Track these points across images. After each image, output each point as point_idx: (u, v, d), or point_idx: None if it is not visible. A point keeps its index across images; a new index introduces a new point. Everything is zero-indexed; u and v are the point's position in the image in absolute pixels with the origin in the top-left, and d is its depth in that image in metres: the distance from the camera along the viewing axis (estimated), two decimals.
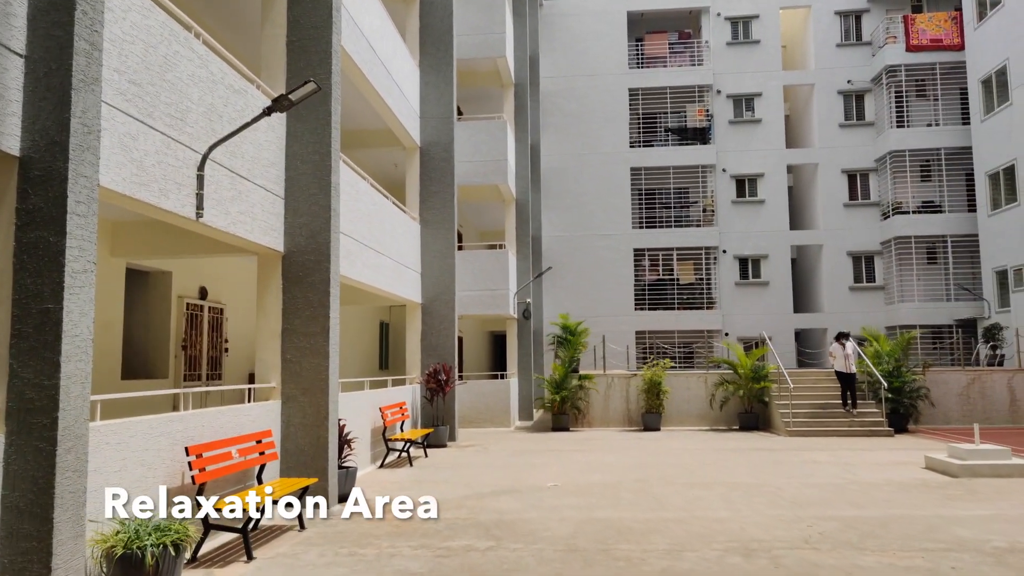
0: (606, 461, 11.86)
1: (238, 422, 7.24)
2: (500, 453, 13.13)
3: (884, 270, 26.36)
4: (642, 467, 11.12)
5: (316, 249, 8.27)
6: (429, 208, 15.31)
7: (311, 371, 8.14)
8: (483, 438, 15.61)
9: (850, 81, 27.24)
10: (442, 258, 15.21)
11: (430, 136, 15.42)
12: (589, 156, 27.80)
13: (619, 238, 27.35)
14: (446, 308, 15.10)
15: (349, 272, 10.54)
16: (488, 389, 17.84)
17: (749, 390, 16.63)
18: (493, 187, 18.76)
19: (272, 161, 8.07)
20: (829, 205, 26.90)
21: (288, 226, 8.31)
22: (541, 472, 10.79)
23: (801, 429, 15.07)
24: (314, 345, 8.17)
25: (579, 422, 17.65)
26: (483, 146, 18.15)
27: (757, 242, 27.07)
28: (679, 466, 11.19)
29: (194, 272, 10.89)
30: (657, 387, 16.93)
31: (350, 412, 10.45)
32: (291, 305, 8.25)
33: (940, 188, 26.04)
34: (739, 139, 27.64)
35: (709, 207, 27.69)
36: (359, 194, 11.18)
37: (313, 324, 8.19)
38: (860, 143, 27.09)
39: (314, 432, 8.07)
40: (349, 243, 10.57)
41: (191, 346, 10.61)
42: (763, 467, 10.95)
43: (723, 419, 17.31)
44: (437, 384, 14.28)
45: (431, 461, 12.22)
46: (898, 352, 15.93)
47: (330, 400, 8.14)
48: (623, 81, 28.15)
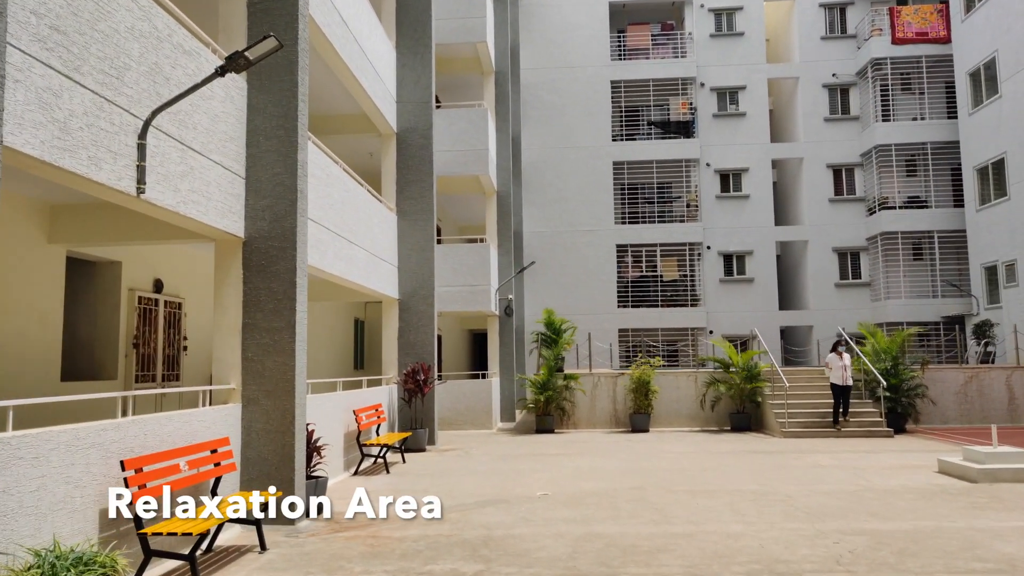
0: (597, 466, 11.09)
1: (189, 430, 6.33)
2: (483, 458, 12.31)
3: (870, 267, 25.95)
4: (637, 472, 10.36)
5: (281, 235, 7.37)
6: (407, 198, 14.43)
7: (275, 371, 7.25)
8: (464, 441, 14.78)
9: (835, 74, 26.80)
10: (420, 251, 14.34)
11: (407, 122, 14.54)
12: (570, 150, 27.07)
13: (601, 234, 26.65)
14: (425, 304, 14.24)
15: (319, 263, 9.64)
16: (469, 390, 16.99)
17: (741, 390, 15.96)
18: (473, 178, 17.93)
19: (231, 135, 7.17)
20: (814, 200, 26.44)
21: (249, 209, 7.41)
22: (529, 479, 9.98)
23: (797, 430, 14.44)
24: (278, 342, 7.28)
25: (564, 423, 16.88)
26: (463, 135, 17.30)
27: (742, 238, 26.53)
28: (676, 471, 10.45)
29: (148, 263, 9.92)
30: (646, 387, 16.21)
31: (321, 415, 9.56)
32: (253, 297, 7.35)
33: (926, 183, 25.68)
34: (723, 133, 27.09)
35: (693, 202, 27.10)
36: (331, 179, 10.29)
37: (277, 318, 7.30)
38: (845, 137, 26.66)
39: (279, 439, 7.18)
40: (319, 231, 9.67)
41: (144, 344, 9.63)
42: (766, 472, 10.25)
43: (714, 420, 16.64)
44: (415, 385, 13.41)
45: (409, 467, 11.36)
46: (896, 349, 15.36)
47: (296, 403, 7.25)
48: (605, 73, 27.46)
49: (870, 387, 15.51)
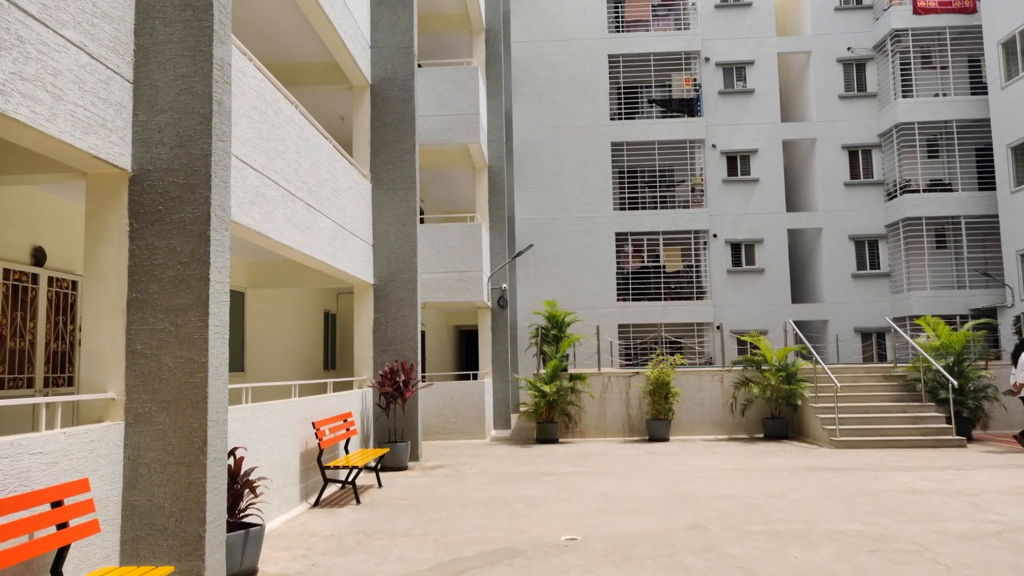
0: (627, 491, 8.69)
1: (17, 471, 3.83)
2: (480, 479, 9.86)
3: (890, 256, 23.86)
4: (683, 501, 7.97)
5: (188, 167, 4.88)
6: (383, 162, 11.94)
7: (177, 371, 4.76)
8: (454, 455, 12.33)
9: (850, 48, 24.73)
10: (400, 226, 11.86)
11: (384, 71, 12.05)
12: (565, 129, 24.75)
13: (599, 221, 24.38)
14: (406, 290, 11.76)
15: (264, 227, 7.16)
16: (458, 393, 14.52)
17: (777, 391, 13.63)
18: (461, 149, 15.47)
19: (107, 11, 4.67)
20: (828, 184, 24.35)
21: (140, 127, 4.92)
22: (544, 512, 7.56)
23: (850, 439, 12.12)
24: (182, 327, 4.79)
25: (570, 431, 14.47)
26: (449, 97, 14.84)
27: (751, 225, 24.39)
28: (734, 499, 8.07)
29: (22, 226, 7.34)
30: (665, 389, 13.83)
31: (263, 432, 7.05)
32: (144, 260, 4.86)
33: (950, 165, 23.64)
34: (730, 112, 24.93)
35: (698, 186, 24.90)
36: (280, 119, 7.80)
37: (182, 292, 4.81)
38: (862, 116, 24.58)
39: (181, 475, 4.69)
40: (263, 184, 7.18)
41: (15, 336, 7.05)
42: (852, 500, 7.90)
43: (743, 426, 14.31)
44: (394, 388, 10.95)
45: (387, 493, 8.88)
46: (960, 344, 13.09)
47: (211, 418, 4.76)
48: (602, 46, 25.20)
49: (930, 388, 13.23)
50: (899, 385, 13.67)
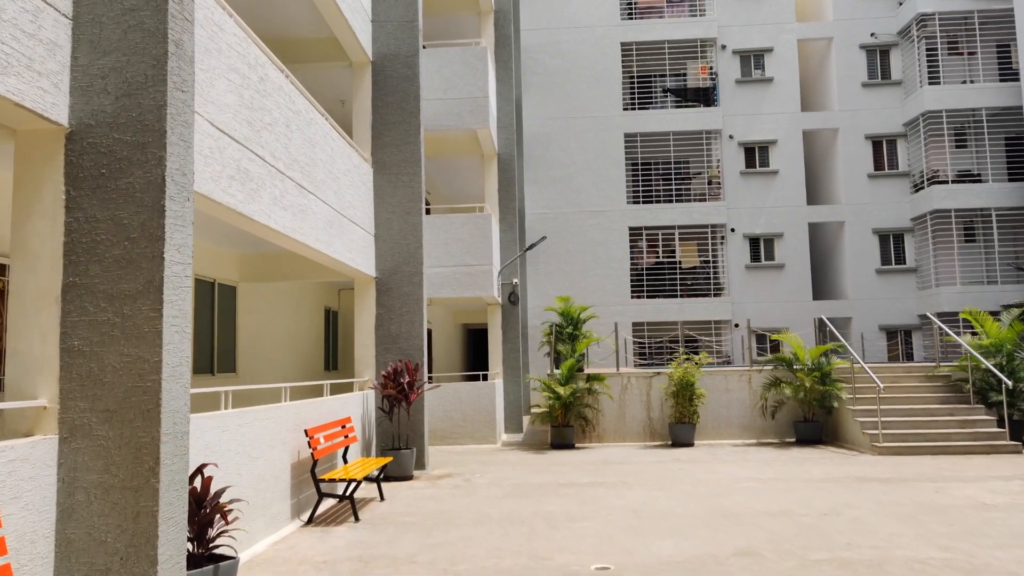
0: (659, 506, 7.73)
1: None
2: (492, 491, 8.92)
3: (917, 250, 22.81)
4: (725, 519, 7.01)
5: (137, 121, 3.96)
6: (385, 145, 11.01)
7: (123, 372, 3.83)
8: (463, 462, 11.39)
9: (874, 34, 23.70)
10: (404, 215, 10.93)
11: (386, 46, 11.13)
12: (576, 121, 23.82)
13: (612, 215, 23.44)
14: (410, 284, 10.83)
15: (247, 207, 6.23)
16: (467, 395, 13.58)
17: (811, 393, 12.63)
18: (470, 135, 14.53)
19: None
20: (851, 176, 23.34)
21: (80, 71, 4.00)
22: (568, 533, 6.61)
23: (895, 445, 11.12)
24: (130, 318, 3.87)
25: (587, 436, 13.51)
26: (457, 79, 13.90)
27: (770, 219, 23.39)
28: (782, 515, 7.11)
29: None
30: (690, 390, 12.85)
31: (246, 442, 6.13)
32: (83, 236, 3.94)
33: (979, 155, 22.58)
34: (748, 101, 23.94)
35: (715, 179, 23.92)
36: (267, 86, 6.88)
37: (129, 274, 3.89)
38: (886, 105, 23.55)
39: (129, 501, 3.77)
40: (245, 159, 6.26)
41: None
42: (917, 518, 6.93)
43: (773, 430, 13.32)
44: (398, 390, 10.02)
45: (389, 508, 7.96)
46: (1011, 341, 12.07)
47: (165, 430, 3.83)
48: (614, 34, 24.25)
49: (978, 389, 12.21)
50: (944, 386, 12.66)
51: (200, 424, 5.34)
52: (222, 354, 10.65)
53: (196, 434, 5.25)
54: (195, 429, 5.23)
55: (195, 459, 5.20)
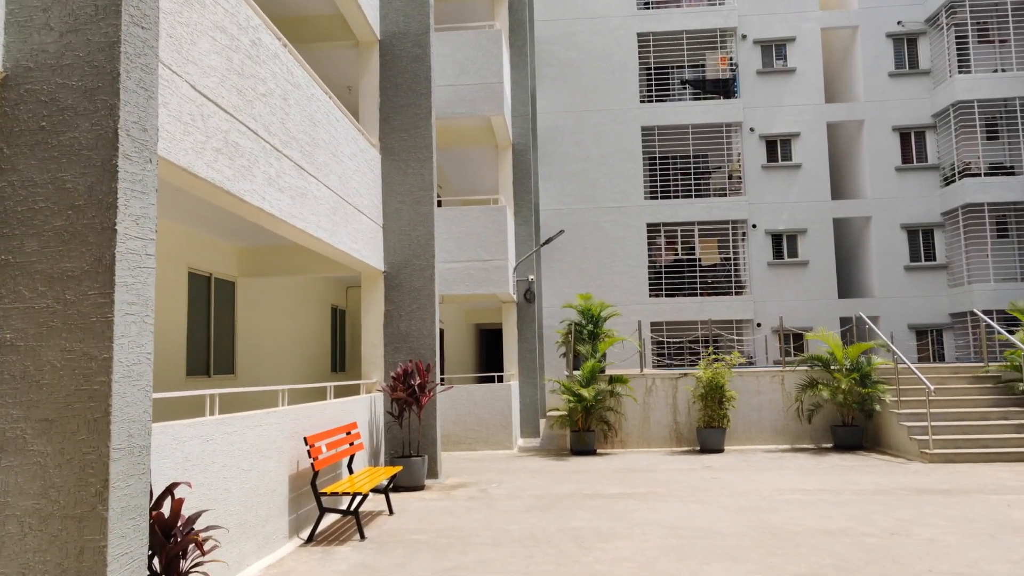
0: (699, 521, 6.92)
1: None
2: (512, 503, 8.13)
3: (947, 246, 21.87)
4: (777, 539, 6.19)
5: (85, 63, 3.22)
6: (394, 130, 10.26)
7: (65, 372, 3.08)
8: (478, 470, 10.61)
9: (900, 22, 22.80)
10: (415, 204, 10.17)
11: (395, 24, 10.38)
12: (592, 114, 23.05)
13: (629, 211, 22.64)
14: (421, 278, 10.06)
15: (236, 186, 5.49)
16: (481, 397, 12.81)
17: (850, 395, 11.76)
18: (483, 124, 13.77)
19: None
20: (878, 169, 22.44)
21: (16, 2, 3.25)
22: (600, 556, 5.82)
23: (946, 452, 10.24)
24: (74, 304, 3.12)
25: (608, 441, 12.69)
26: (469, 64, 13.15)
27: (793, 214, 22.54)
28: (842, 535, 6.29)
29: None
30: (719, 392, 12.02)
31: (234, 453, 5.37)
32: (18, 204, 3.20)
33: (1013, 146, 21.62)
34: (769, 92, 23.11)
35: (735, 173, 23.08)
36: (260, 52, 6.14)
37: (73, 250, 3.14)
38: (914, 95, 22.64)
39: (71, 533, 3.01)
40: (234, 130, 5.52)
41: None
42: (999, 538, 6.09)
43: (808, 434, 12.47)
44: (408, 392, 9.25)
45: (398, 524, 7.19)
46: None
47: (116, 444, 3.07)
48: (631, 24, 23.47)
49: None
50: (993, 387, 11.78)
51: (178, 433, 4.59)
52: (219, 354, 9.93)
53: (172, 446, 4.50)
54: (171, 440, 4.48)
55: (172, 475, 4.45)
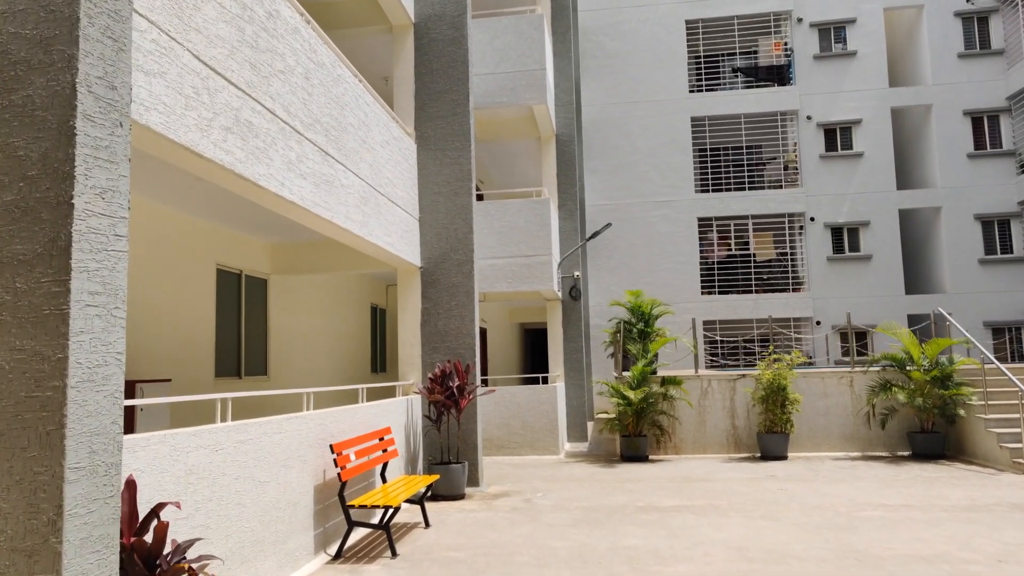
0: (769, 541, 6.16)
1: None
2: (559, 515, 7.47)
3: None
4: (865, 567, 5.40)
5: (40, 7, 2.69)
6: (430, 118, 9.71)
7: (14, 375, 2.56)
8: (523, 477, 9.98)
9: (970, 0, 21.30)
10: (452, 195, 9.60)
11: (431, 6, 9.83)
12: (639, 105, 22.21)
13: (679, 205, 21.73)
14: (460, 274, 9.48)
15: (250, 170, 4.97)
16: (525, 399, 12.18)
17: (930, 398, 10.75)
18: (525, 114, 13.15)
19: None
20: (948, 157, 21.05)
21: None
22: None
23: None
24: (24, 295, 2.59)
25: (661, 446, 11.93)
26: (510, 51, 12.55)
27: (854, 206, 21.33)
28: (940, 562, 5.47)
29: None
30: (782, 395, 11.13)
31: (250, 464, 4.84)
32: None
33: None
34: (827, 78, 21.94)
35: (792, 164, 21.96)
36: (277, 25, 5.62)
37: (23, 229, 2.62)
38: (986, 77, 21.21)
39: (20, 569, 2.48)
40: (247, 108, 5.00)
41: None
42: None
43: (881, 441, 11.48)
44: (447, 394, 8.67)
45: (435, 538, 6.60)
46: None
47: (72, 463, 2.54)
48: (679, 11, 22.58)
49: None
50: None
51: (179, 443, 4.07)
52: (251, 355, 9.52)
53: (173, 457, 3.98)
54: (170, 451, 3.96)
55: (172, 491, 3.93)
